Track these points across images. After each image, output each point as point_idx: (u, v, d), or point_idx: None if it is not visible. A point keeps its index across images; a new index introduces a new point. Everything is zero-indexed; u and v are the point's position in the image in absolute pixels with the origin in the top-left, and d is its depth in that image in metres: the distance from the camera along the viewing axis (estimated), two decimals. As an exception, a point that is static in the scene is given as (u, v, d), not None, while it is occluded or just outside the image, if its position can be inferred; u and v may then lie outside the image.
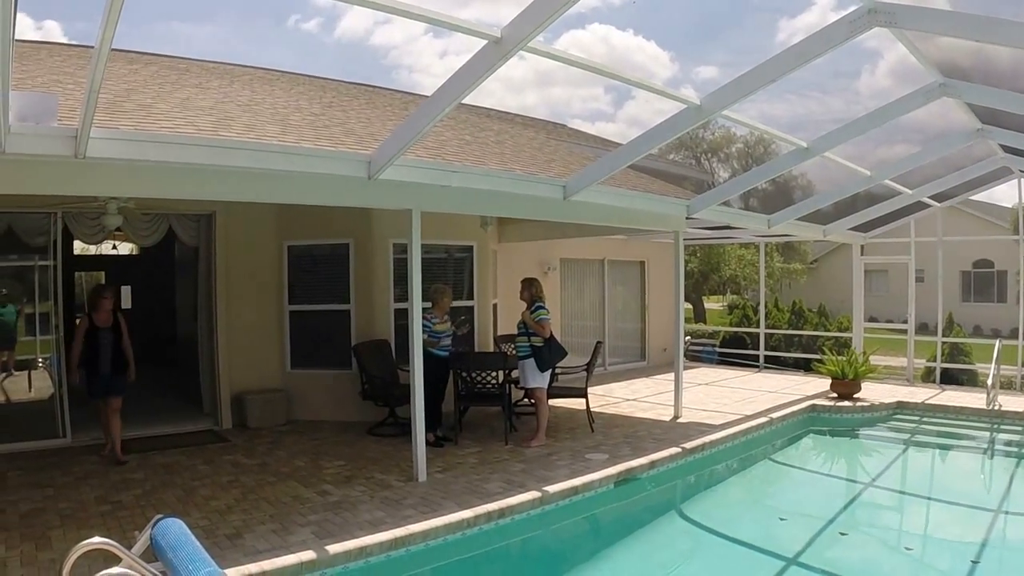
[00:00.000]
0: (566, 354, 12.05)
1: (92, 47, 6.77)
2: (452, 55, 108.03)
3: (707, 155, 51.48)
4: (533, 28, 6.34)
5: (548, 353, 11.69)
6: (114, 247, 22.58)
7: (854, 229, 18.31)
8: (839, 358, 15.99)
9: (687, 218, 13.84)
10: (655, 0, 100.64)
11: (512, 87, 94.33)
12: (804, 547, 8.60)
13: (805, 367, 20.70)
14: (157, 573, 3.31)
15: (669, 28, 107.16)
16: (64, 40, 25.42)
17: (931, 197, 16.24)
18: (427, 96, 9.20)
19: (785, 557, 8.32)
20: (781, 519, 10.05)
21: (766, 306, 23.15)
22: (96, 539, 3.32)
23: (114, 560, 3.22)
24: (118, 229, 12.48)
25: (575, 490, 9.47)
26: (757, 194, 16.55)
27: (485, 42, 6.82)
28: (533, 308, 11.80)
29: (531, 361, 11.70)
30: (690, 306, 39.74)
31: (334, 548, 7.29)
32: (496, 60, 6.80)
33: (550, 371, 11.92)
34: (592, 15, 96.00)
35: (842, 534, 9.29)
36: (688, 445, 11.42)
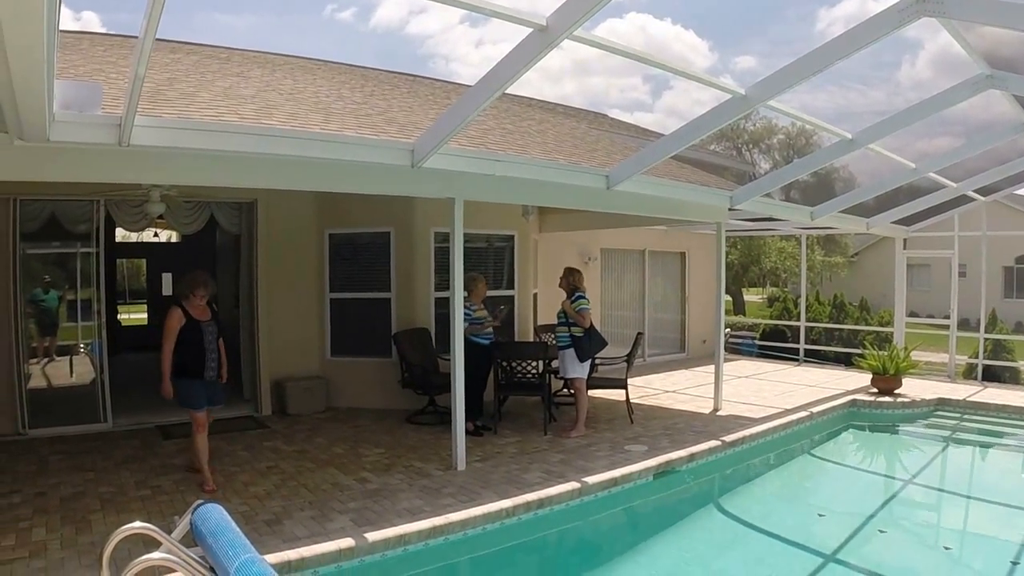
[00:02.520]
0: (606, 344, 12.01)
1: (134, 37, 6.79)
2: (488, 44, 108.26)
3: (748, 146, 51.15)
4: (580, 16, 6.26)
5: (588, 343, 11.66)
6: (155, 234, 22.76)
7: (897, 223, 18.12)
8: (880, 353, 15.84)
9: (729, 209, 13.74)
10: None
11: (550, 76, 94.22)
12: (842, 543, 8.52)
13: (846, 362, 20.51)
14: (196, 558, 3.33)
15: (708, 17, 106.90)
16: (103, 30, 25.58)
17: (976, 191, 16.03)
18: (467, 86, 9.18)
19: (823, 553, 8.25)
20: (820, 515, 9.96)
21: (807, 299, 22.99)
22: (137, 524, 3.34)
23: (154, 544, 3.24)
24: (160, 217, 12.56)
25: (614, 481, 9.45)
26: (798, 186, 16.41)
27: (529, 31, 6.79)
28: (573, 298, 11.77)
29: (571, 351, 11.69)
30: (730, 298, 39.57)
31: (373, 536, 7.32)
32: (542, 48, 6.74)
33: (590, 361, 11.89)
34: (630, 4, 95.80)
35: (881, 531, 9.21)
36: (728, 438, 11.36)
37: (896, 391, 15.33)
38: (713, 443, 11.09)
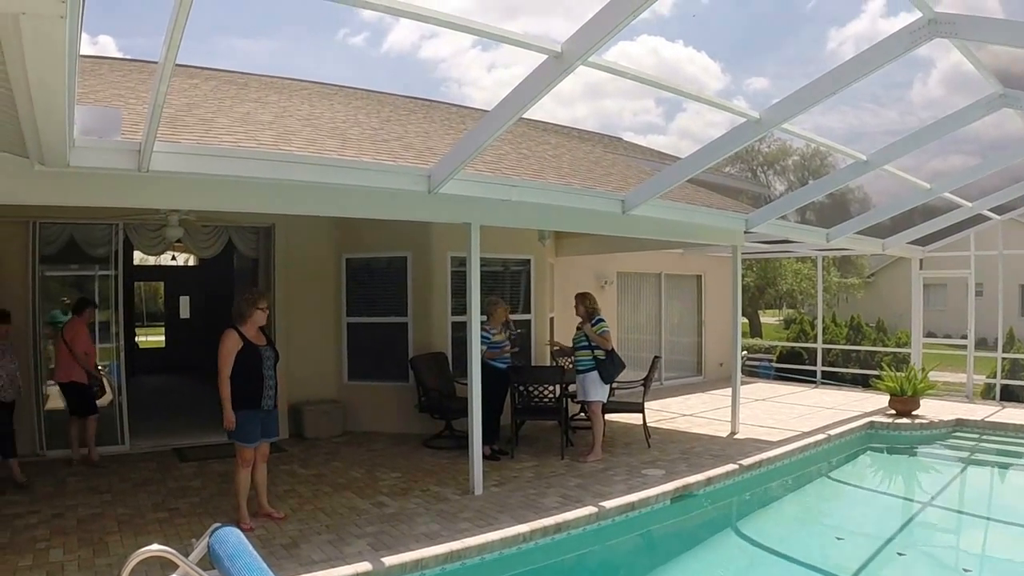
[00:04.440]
0: (625, 366, 12.03)
1: (152, 62, 6.85)
2: (500, 68, 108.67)
3: (763, 168, 51.21)
4: (594, 42, 6.29)
5: (612, 365, 11.68)
6: (173, 258, 22.89)
7: (913, 243, 18.07)
8: (898, 374, 15.79)
9: (745, 232, 13.74)
10: (705, 11, 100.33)
11: (562, 100, 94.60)
12: (861, 567, 8.46)
13: (863, 383, 20.47)
14: (214, 581, 3.35)
15: (719, 39, 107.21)
16: (119, 55, 25.85)
17: (991, 210, 15.98)
18: (482, 110, 9.20)
19: (841, 578, 8.24)
20: (838, 538, 9.89)
21: (823, 321, 22.92)
22: (155, 546, 3.36)
23: (171, 567, 3.26)
24: (178, 240, 12.64)
25: (632, 506, 9.41)
26: (813, 207, 16.42)
27: (544, 57, 6.83)
28: (594, 321, 11.78)
29: (593, 374, 11.69)
30: (746, 320, 39.46)
31: (390, 560, 7.31)
32: (557, 75, 6.76)
33: (609, 385, 11.89)
34: (641, 26, 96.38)
35: (900, 554, 9.16)
36: (745, 462, 11.32)
37: (914, 412, 15.26)
38: (731, 467, 11.05)
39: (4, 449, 9.98)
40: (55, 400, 11.97)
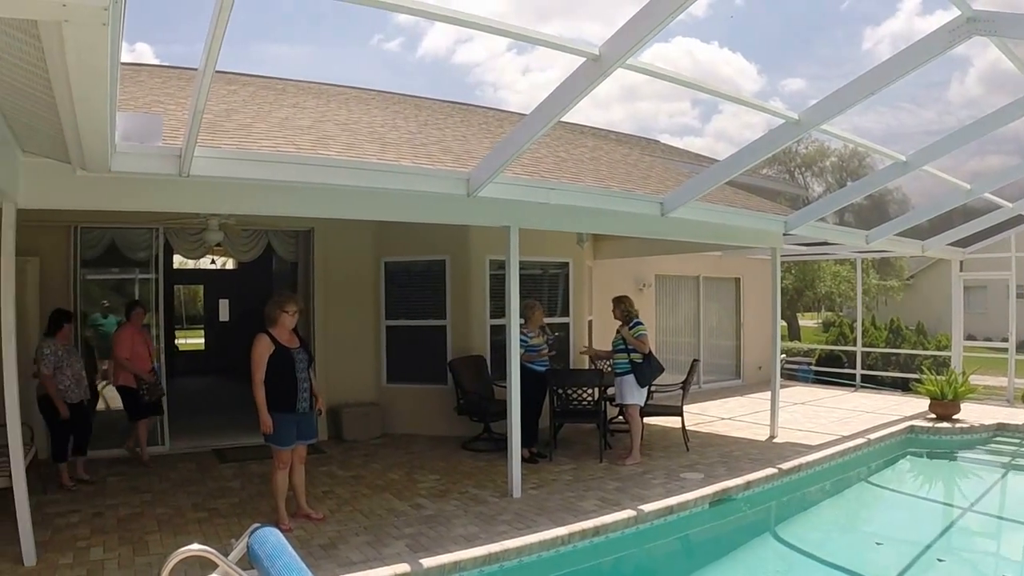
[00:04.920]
0: (663, 370, 12.00)
1: (191, 69, 6.90)
2: (536, 71, 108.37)
3: (801, 169, 50.91)
4: (632, 45, 6.29)
5: (648, 369, 11.64)
6: (212, 261, 23.04)
7: (953, 244, 17.90)
8: (938, 378, 15.63)
9: (784, 234, 13.67)
10: (739, 12, 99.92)
11: (598, 103, 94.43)
12: (900, 573, 8.40)
13: (903, 387, 20.27)
14: (253, 581, 3.37)
15: (755, 40, 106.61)
16: (155, 62, 26.14)
17: (1033, 210, 15.82)
18: (519, 114, 9.20)
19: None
20: (877, 543, 9.80)
21: (863, 324, 22.73)
22: (195, 546, 3.39)
23: (211, 567, 3.29)
24: (218, 244, 12.74)
25: (670, 509, 9.37)
26: (852, 209, 16.36)
27: (582, 60, 6.83)
28: (631, 324, 11.76)
29: (630, 377, 11.67)
30: (784, 323, 39.21)
31: (428, 562, 7.32)
32: (595, 77, 6.77)
33: (647, 388, 11.86)
34: (676, 28, 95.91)
35: (940, 560, 9.06)
36: (784, 466, 11.24)
37: (954, 416, 15.08)
38: (769, 471, 10.99)
39: (62, 451, 10.07)
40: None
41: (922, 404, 16.11)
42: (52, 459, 10.10)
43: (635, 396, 11.70)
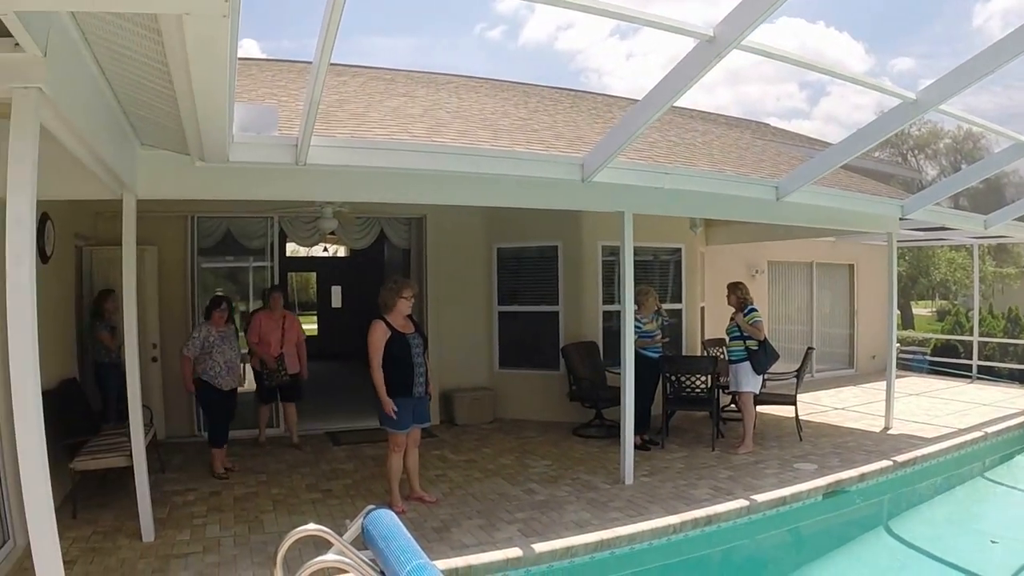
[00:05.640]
0: (779, 356, 11.85)
1: (299, 62, 6.98)
2: (638, 56, 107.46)
3: (913, 152, 49.68)
4: (747, 24, 6.18)
5: (764, 355, 11.51)
6: (325, 249, 23.36)
7: (1078, 230, 17.34)
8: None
9: (900, 219, 13.39)
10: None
11: (703, 86, 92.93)
12: (1015, 573, 8.17)
13: (1020, 379, 19.71)
14: (368, 561, 3.42)
15: (861, 18, 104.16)
16: (262, 56, 26.56)
17: None
18: (628, 99, 9.13)
19: (995, 583, 7.96)
20: (993, 542, 9.44)
21: (979, 312, 22.12)
22: (311, 526, 3.45)
23: (324, 546, 3.34)
24: (332, 232, 12.92)
25: (783, 500, 9.26)
26: (967, 193, 15.84)
27: (695, 41, 6.76)
28: (746, 311, 11.63)
29: (745, 364, 11.52)
30: (898, 312, 38.36)
31: (540, 547, 7.37)
32: (710, 59, 6.66)
33: (762, 375, 11.75)
34: (782, 7, 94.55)
35: (993, 542, 8.91)
36: (899, 458, 11.00)
37: (1078, 410, 14.61)
38: (884, 463, 10.77)
39: (217, 437, 10.24)
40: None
41: (1043, 397, 15.64)
42: (209, 445, 10.29)
43: (751, 383, 11.55)
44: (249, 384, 11.98)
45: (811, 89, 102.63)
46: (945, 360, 21.95)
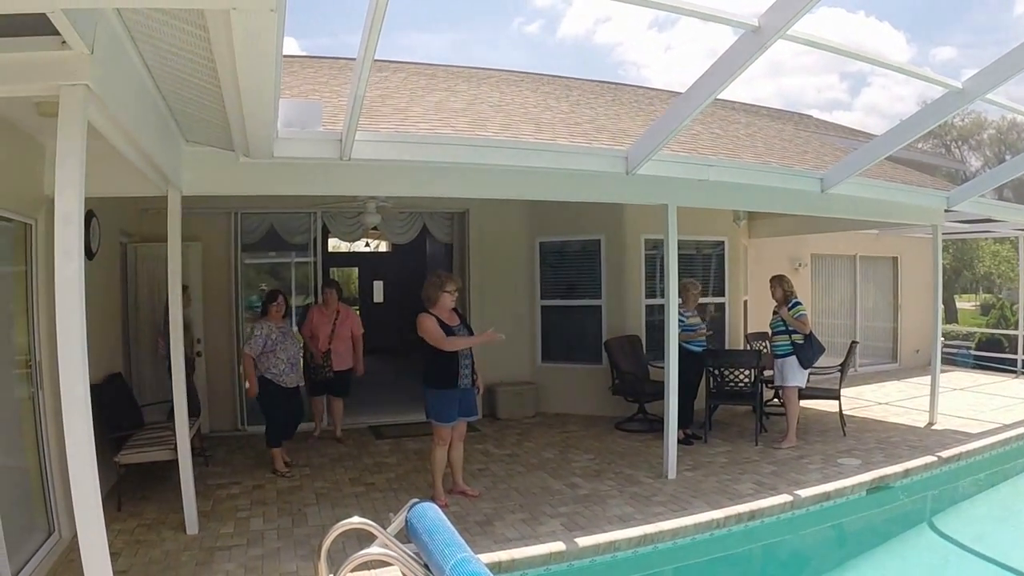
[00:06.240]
0: (824, 350, 11.75)
1: (343, 59, 6.99)
2: (676, 48, 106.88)
3: (957, 143, 49.17)
4: (793, 13, 6.09)
5: (811, 349, 11.43)
6: (367, 244, 23.42)
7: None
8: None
9: (946, 211, 13.25)
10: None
11: (744, 79, 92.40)
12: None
13: (1066, 374, 19.41)
14: (412, 554, 3.43)
15: (902, 8, 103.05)
16: (301, 54, 26.67)
17: None
18: (669, 92, 9.08)
19: (1038, 581, 7.84)
20: None
21: (1024, 306, 21.81)
22: (356, 519, 3.47)
23: (367, 539, 3.36)
24: (375, 227, 12.97)
25: (827, 496, 9.20)
26: (1010, 184, 15.61)
27: (740, 32, 6.71)
28: (791, 304, 11.54)
29: (792, 359, 11.44)
30: (942, 306, 38.04)
31: (583, 541, 7.38)
32: (755, 50, 6.59)
33: (808, 370, 11.67)
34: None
35: None
36: (944, 454, 10.87)
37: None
38: (929, 458, 10.64)
39: (277, 437, 10.11)
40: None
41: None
42: (267, 444, 10.17)
43: (796, 378, 11.48)
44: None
45: (852, 80, 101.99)
46: (990, 355, 21.65)
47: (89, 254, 8.48)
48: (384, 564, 3.48)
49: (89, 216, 8.49)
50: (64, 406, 4.07)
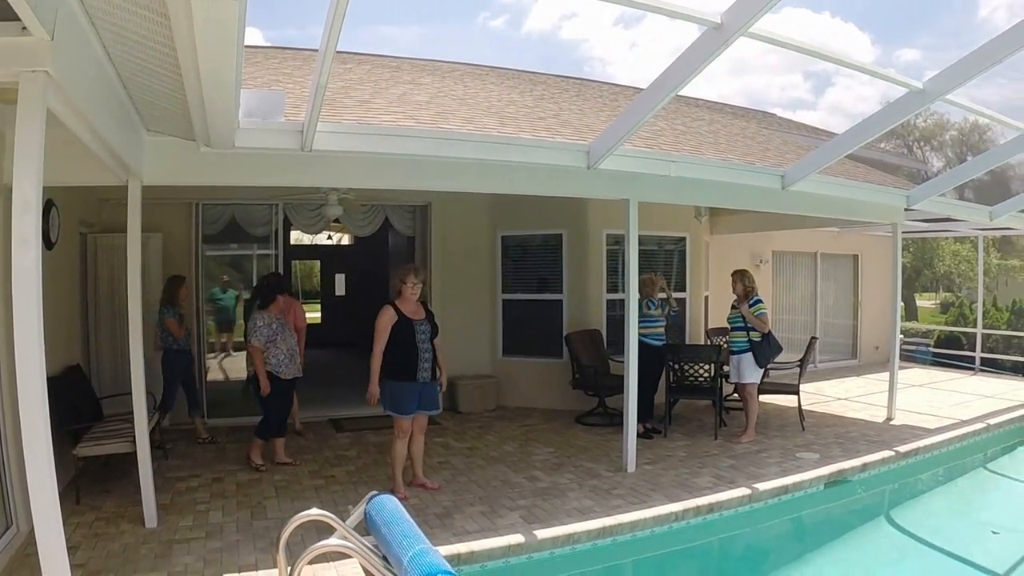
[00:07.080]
0: (782, 349, 11.83)
1: (303, 50, 6.96)
2: (641, 45, 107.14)
3: (919, 143, 49.48)
4: (755, 12, 6.15)
5: (767, 348, 11.50)
6: (329, 237, 23.38)
7: (1084, 222, 17.26)
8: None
9: (906, 209, 13.36)
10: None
11: (707, 76, 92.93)
12: (1017, 563, 8.14)
13: (1023, 371, 19.65)
14: (369, 546, 3.44)
15: (867, 8, 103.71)
16: (265, 44, 26.53)
17: None
18: (634, 88, 9.11)
19: (996, 573, 7.89)
20: (994, 532, 9.41)
21: (983, 305, 22.06)
22: (314, 511, 3.48)
23: (328, 531, 3.36)
24: (336, 220, 12.93)
25: (785, 489, 9.30)
26: (972, 184, 15.76)
27: (701, 30, 6.75)
28: (751, 302, 11.60)
29: (748, 356, 11.51)
30: (902, 303, 38.30)
31: (542, 533, 7.40)
32: (716, 47, 6.62)
33: (764, 367, 11.75)
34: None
35: (994, 532, 8.91)
36: (902, 449, 11.03)
37: (1080, 402, 14.57)
38: (887, 453, 10.80)
39: (266, 429, 10.01)
40: (215, 372, 12.53)
41: (1046, 389, 15.62)
42: (261, 435, 10.01)
43: (752, 375, 11.55)
44: (240, 372, 12.11)
45: (816, 79, 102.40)
46: (948, 352, 21.91)
47: (48, 244, 8.42)
48: (344, 556, 3.49)
49: (48, 205, 8.42)
50: (20, 398, 4.03)
